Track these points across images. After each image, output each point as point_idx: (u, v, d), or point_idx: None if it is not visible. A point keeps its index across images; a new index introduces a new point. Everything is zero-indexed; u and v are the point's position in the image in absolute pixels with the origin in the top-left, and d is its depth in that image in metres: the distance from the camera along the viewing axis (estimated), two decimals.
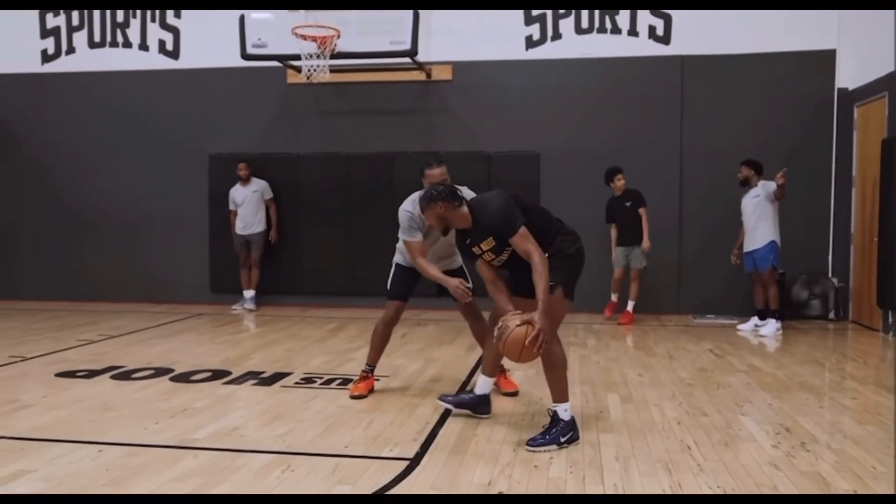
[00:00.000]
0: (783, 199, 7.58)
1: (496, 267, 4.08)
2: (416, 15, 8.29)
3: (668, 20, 9.01)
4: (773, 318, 7.74)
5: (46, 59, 10.23)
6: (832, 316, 8.66)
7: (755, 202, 7.73)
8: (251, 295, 9.46)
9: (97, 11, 10.10)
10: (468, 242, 4.09)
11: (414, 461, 3.73)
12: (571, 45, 9.17)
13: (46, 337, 7.34)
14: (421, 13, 8.40)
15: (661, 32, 9.04)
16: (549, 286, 3.78)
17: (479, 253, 4.04)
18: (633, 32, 9.08)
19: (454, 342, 7.10)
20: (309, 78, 8.37)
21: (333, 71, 8.46)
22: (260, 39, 8.65)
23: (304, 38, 8.12)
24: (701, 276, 8.91)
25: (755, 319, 7.97)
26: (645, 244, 8.29)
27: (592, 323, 8.29)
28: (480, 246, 4.01)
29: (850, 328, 8.30)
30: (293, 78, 9.37)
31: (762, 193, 7.66)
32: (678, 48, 8.97)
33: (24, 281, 10.21)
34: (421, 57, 8.69)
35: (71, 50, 10.18)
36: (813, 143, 8.75)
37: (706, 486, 3.42)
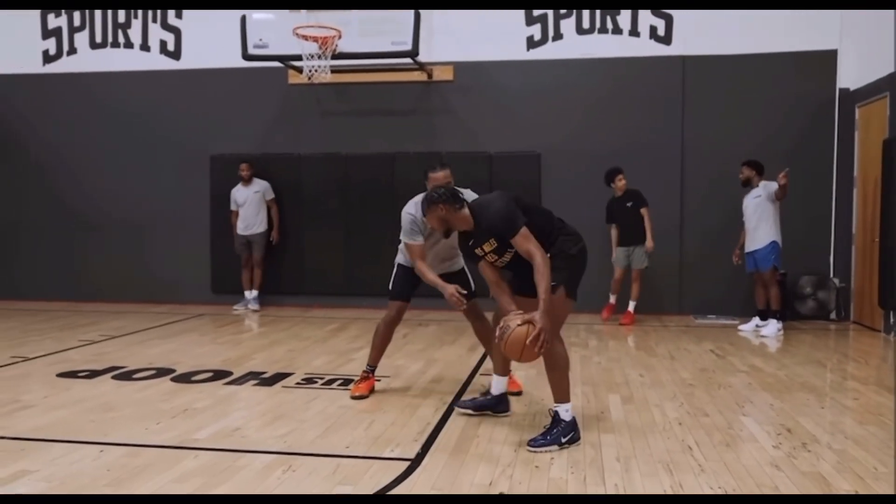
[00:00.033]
0: (784, 199, 7.59)
1: (499, 268, 4.09)
2: (417, 15, 8.29)
3: (669, 20, 9.01)
4: (774, 318, 7.74)
5: (48, 59, 10.24)
6: (833, 316, 8.66)
7: (756, 202, 7.73)
8: (254, 295, 9.46)
9: (98, 12, 10.10)
10: (471, 244, 4.10)
11: (415, 462, 3.73)
12: (572, 45, 9.17)
13: (48, 337, 7.34)
14: (422, 13, 8.40)
15: (662, 32, 9.03)
16: (550, 286, 3.78)
17: (481, 254, 4.05)
18: (634, 33, 9.08)
19: (456, 342, 7.10)
20: (310, 78, 8.38)
21: (335, 71, 8.46)
22: (261, 40, 8.65)
23: (305, 38, 8.12)
24: (702, 276, 8.90)
25: (756, 320, 7.97)
26: (649, 244, 8.28)
27: (594, 323, 8.28)
28: (482, 247, 4.02)
29: (851, 328, 8.29)
30: (294, 78, 9.38)
31: (763, 194, 7.67)
32: (679, 48, 8.97)
33: (25, 281, 10.21)
34: (422, 57, 8.69)
35: (72, 50, 10.19)
36: (814, 143, 8.74)
37: (707, 486, 3.41)
